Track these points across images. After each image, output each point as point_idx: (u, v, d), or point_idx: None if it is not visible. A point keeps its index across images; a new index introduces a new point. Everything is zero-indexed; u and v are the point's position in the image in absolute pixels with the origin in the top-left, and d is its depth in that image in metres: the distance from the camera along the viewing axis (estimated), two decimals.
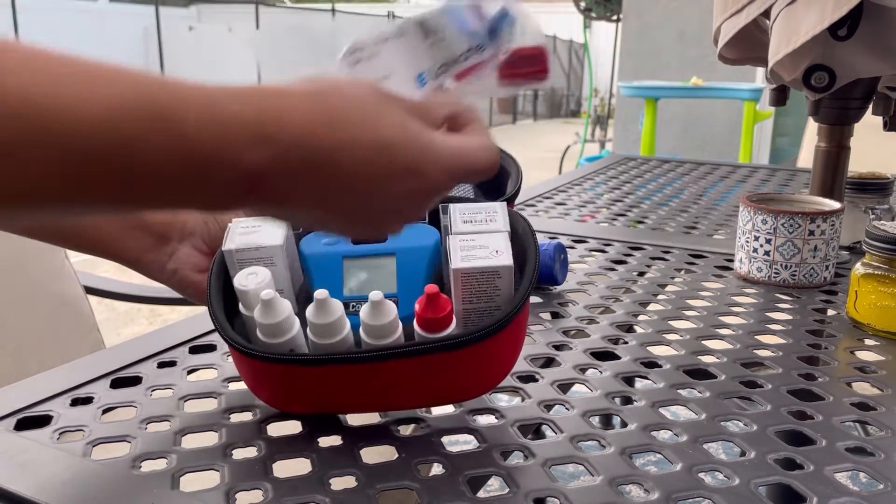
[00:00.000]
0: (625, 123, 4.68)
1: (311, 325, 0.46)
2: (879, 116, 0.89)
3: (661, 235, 1.02)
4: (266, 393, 0.51)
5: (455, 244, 0.50)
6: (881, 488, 0.43)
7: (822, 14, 0.72)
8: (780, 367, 0.60)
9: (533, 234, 0.51)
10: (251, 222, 0.53)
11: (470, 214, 0.53)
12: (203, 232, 0.56)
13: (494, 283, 0.49)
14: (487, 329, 0.46)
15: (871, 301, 0.67)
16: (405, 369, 0.47)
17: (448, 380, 0.49)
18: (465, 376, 0.49)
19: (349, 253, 0.53)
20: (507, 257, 0.49)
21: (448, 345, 0.46)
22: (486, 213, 0.53)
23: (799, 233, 0.77)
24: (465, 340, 0.46)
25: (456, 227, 0.52)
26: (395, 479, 0.43)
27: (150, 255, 0.56)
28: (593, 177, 1.47)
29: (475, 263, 0.48)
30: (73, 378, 0.57)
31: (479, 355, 0.48)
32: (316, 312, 0.46)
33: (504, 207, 0.53)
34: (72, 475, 0.44)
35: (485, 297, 0.49)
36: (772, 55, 0.77)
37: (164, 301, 1.24)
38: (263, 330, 0.47)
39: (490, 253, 0.49)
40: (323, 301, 0.46)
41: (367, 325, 0.46)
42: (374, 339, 0.47)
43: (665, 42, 4.40)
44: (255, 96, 0.35)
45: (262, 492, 0.43)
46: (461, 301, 0.49)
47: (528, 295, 0.48)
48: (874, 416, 0.52)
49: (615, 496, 0.42)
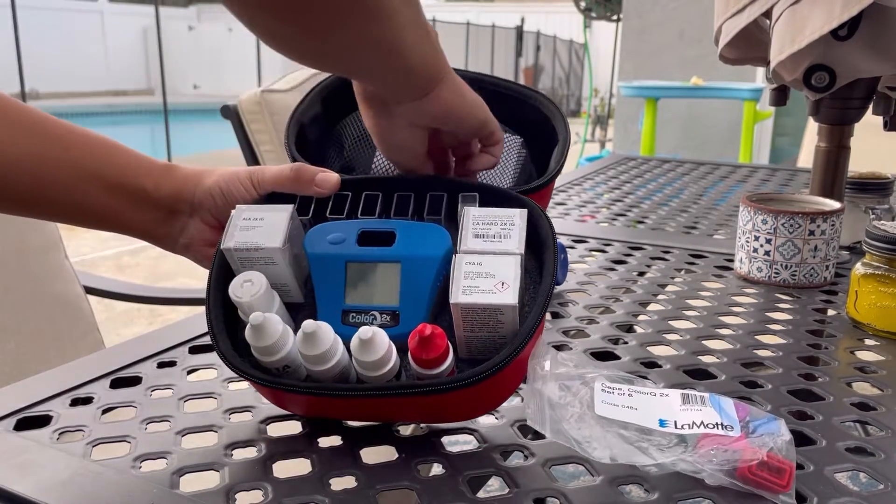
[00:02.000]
0: (625, 123, 4.68)
1: (302, 354, 0.45)
2: (879, 116, 0.89)
3: (661, 235, 1.02)
4: (268, 396, 0.51)
5: (459, 269, 0.47)
6: (881, 488, 0.43)
7: (830, 14, 0.72)
8: (780, 367, 0.59)
9: (554, 243, 0.49)
10: (254, 213, 0.51)
11: (484, 226, 0.49)
12: (211, 206, 0.56)
13: (497, 318, 0.46)
14: (480, 374, 0.44)
15: (872, 301, 0.67)
16: (397, 402, 0.46)
17: (443, 409, 0.48)
18: (460, 407, 0.49)
19: (353, 257, 0.50)
20: (511, 294, 0.45)
21: (438, 388, 0.44)
22: (502, 226, 0.49)
23: (799, 233, 0.77)
24: (457, 385, 0.44)
25: (466, 243, 0.49)
26: (395, 480, 0.43)
27: (161, 228, 0.56)
28: (593, 177, 1.47)
29: (476, 299, 0.45)
30: (73, 378, 0.57)
31: (474, 392, 0.46)
32: (305, 344, 0.44)
33: (524, 217, 0.50)
34: (72, 475, 0.44)
35: (487, 329, 0.47)
36: (774, 55, 0.77)
37: (164, 301, 1.24)
38: (256, 350, 0.46)
39: (495, 285, 0.46)
40: (312, 333, 0.44)
41: (359, 360, 0.45)
42: (367, 371, 0.45)
43: (665, 42, 4.39)
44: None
45: (262, 492, 0.43)
46: (462, 330, 0.47)
47: (532, 332, 0.46)
48: (874, 416, 0.52)
49: (615, 496, 0.42)
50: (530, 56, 13.88)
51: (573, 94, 15.46)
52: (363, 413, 0.50)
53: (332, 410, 0.50)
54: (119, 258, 4.19)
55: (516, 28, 13.25)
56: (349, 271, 0.50)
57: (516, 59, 13.43)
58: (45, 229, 1.01)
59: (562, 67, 15.13)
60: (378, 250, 0.50)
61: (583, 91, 15.19)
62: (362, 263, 0.50)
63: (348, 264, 0.50)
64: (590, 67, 5.98)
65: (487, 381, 0.44)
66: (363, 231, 0.51)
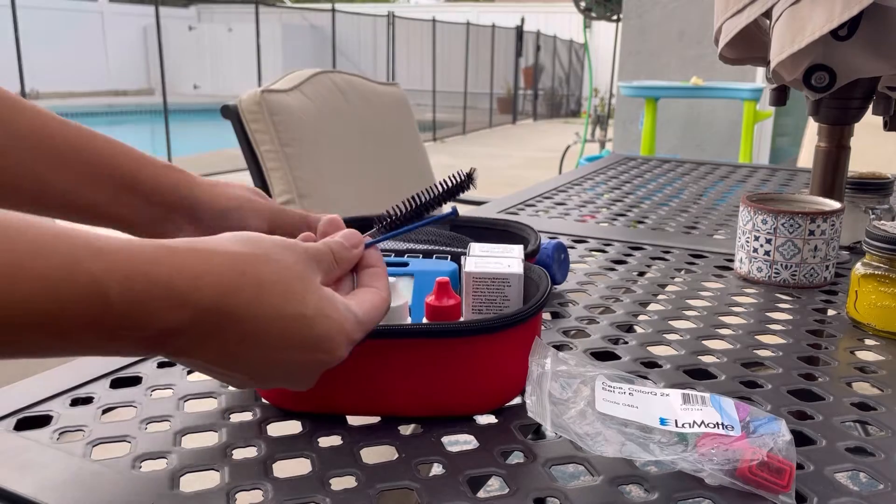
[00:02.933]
0: (625, 123, 4.68)
1: None
2: (879, 116, 0.89)
3: (661, 235, 1.02)
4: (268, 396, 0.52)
5: (472, 252, 0.57)
6: (881, 488, 0.43)
7: (831, 14, 0.72)
8: (780, 367, 0.60)
9: (548, 280, 0.53)
10: None
11: (488, 248, 0.59)
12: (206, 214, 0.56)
13: (504, 291, 0.52)
14: (492, 321, 0.48)
15: (872, 301, 0.67)
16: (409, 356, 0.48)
17: (449, 379, 0.49)
18: (466, 377, 0.49)
19: None
20: (517, 268, 0.53)
21: (449, 329, 0.48)
22: (504, 248, 0.59)
23: (799, 233, 0.77)
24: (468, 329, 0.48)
25: (473, 250, 0.59)
26: (395, 479, 0.43)
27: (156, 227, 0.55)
28: (593, 177, 1.47)
29: (486, 269, 0.53)
30: (73, 378, 0.57)
31: (481, 351, 0.49)
32: None
33: (521, 250, 0.59)
34: (72, 475, 0.44)
35: (494, 307, 0.53)
36: (775, 55, 0.77)
37: None
38: None
39: (503, 266, 0.54)
40: None
41: None
42: (384, 321, 0.48)
43: (665, 42, 4.39)
44: (177, 255, 0.36)
45: (262, 492, 0.43)
46: (471, 309, 0.52)
47: (537, 308, 0.50)
48: (874, 416, 0.52)
49: (615, 496, 0.42)
50: (530, 56, 13.88)
51: (573, 94, 15.46)
52: (368, 395, 0.50)
53: (332, 403, 0.50)
54: None
55: (516, 28, 13.24)
56: None
57: (516, 59, 13.43)
58: None
59: (562, 67, 15.13)
60: (393, 269, 0.57)
61: (583, 91, 15.19)
62: None
63: None
64: (590, 67, 5.98)
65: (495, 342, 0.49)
66: None
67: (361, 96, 1.54)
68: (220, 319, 0.36)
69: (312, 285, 0.40)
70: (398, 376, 0.49)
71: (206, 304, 0.36)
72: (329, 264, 0.43)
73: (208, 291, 0.36)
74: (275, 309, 0.38)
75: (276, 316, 0.38)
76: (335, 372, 0.49)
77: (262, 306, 0.37)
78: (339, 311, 0.40)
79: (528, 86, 14.02)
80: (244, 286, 0.37)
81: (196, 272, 0.36)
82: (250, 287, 0.37)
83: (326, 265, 0.43)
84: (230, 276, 0.37)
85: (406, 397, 0.50)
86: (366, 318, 0.42)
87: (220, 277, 0.36)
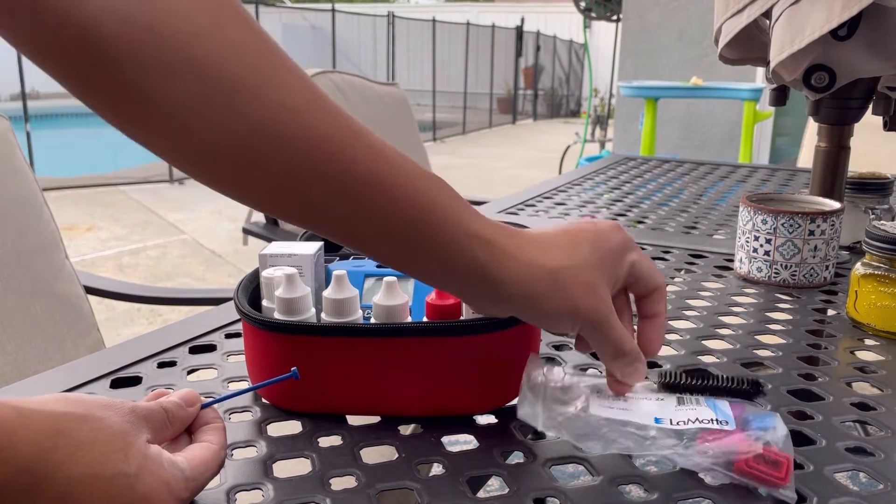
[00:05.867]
0: (625, 123, 4.68)
1: (326, 301, 0.50)
2: (879, 116, 0.89)
3: (661, 235, 1.02)
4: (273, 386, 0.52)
5: None
6: (881, 488, 0.43)
7: (830, 14, 0.72)
8: (780, 367, 0.60)
9: None
10: (285, 244, 0.59)
11: None
12: None
13: None
14: (493, 320, 0.48)
15: (872, 301, 0.67)
16: (409, 355, 0.49)
17: (449, 379, 0.49)
18: (467, 376, 0.49)
19: (371, 272, 0.60)
20: None
21: (450, 328, 0.48)
22: None
23: (799, 233, 0.77)
24: (468, 327, 0.48)
25: None
26: (395, 479, 0.43)
27: None
28: (593, 177, 1.47)
29: None
30: (73, 378, 0.57)
31: (482, 350, 0.49)
32: (333, 289, 0.50)
33: None
34: None
35: None
36: (774, 55, 0.77)
37: (164, 301, 1.24)
38: (282, 305, 0.50)
39: None
40: (341, 277, 0.50)
41: (379, 305, 0.50)
42: (384, 319, 0.50)
43: (665, 42, 4.40)
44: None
45: (262, 492, 0.43)
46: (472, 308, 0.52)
47: None
48: (874, 416, 0.52)
49: (615, 496, 0.42)
50: (530, 56, 13.87)
51: (573, 94, 15.46)
52: (365, 401, 0.50)
53: (333, 402, 0.50)
54: (119, 258, 4.19)
55: (516, 28, 13.24)
56: (366, 283, 0.59)
57: (516, 59, 13.43)
58: (45, 229, 1.01)
59: (562, 67, 15.13)
60: (392, 271, 0.57)
61: (583, 91, 15.20)
62: (378, 278, 0.58)
63: (366, 278, 0.60)
64: (590, 67, 5.98)
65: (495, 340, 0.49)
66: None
67: (361, 96, 1.54)
68: (36, 479, 0.35)
69: (136, 443, 0.39)
70: (398, 376, 0.49)
71: (19, 462, 0.35)
72: (161, 422, 0.42)
73: (22, 449, 0.35)
74: (92, 469, 0.36)
75: (95, 475, 0.36)
76: (335, 372, 0.49)
77: (78, 466, 0.36)
78: (165, 469, 0.39)
79: (528, 86, 14.02)
80: (59, 446, 0.36)
81: (12, 428, 0.35)
82: (66, 447, 0.36)
83: (158, 423, 0.42)
84: (46, 435, 0.36)
85: (406, 397, 0.50)
86: (194, 475, 0.41)
87: (36, 435, 0.35)
